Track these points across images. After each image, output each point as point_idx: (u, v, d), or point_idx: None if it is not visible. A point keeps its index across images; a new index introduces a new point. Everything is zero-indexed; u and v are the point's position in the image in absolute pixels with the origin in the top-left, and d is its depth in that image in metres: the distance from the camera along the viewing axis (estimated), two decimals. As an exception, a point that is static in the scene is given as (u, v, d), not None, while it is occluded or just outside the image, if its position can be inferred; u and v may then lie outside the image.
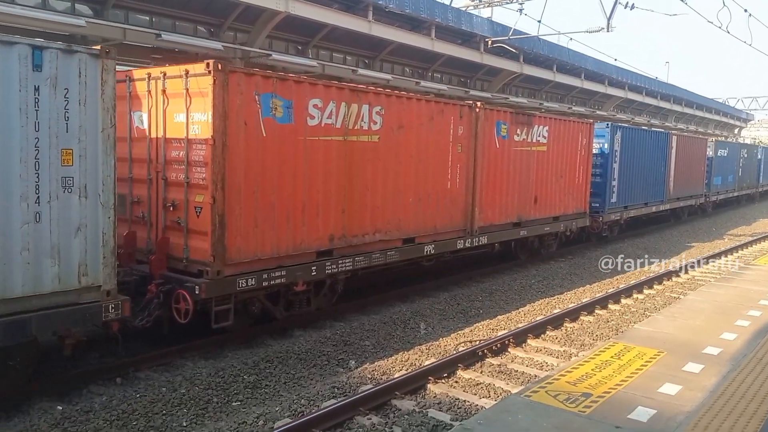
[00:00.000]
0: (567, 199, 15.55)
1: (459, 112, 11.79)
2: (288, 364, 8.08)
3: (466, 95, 21.89)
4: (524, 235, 14.13)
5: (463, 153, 11.88)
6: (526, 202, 13.91)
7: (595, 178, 17.40)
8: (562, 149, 15.11)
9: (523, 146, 13.56)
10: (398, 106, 10.38)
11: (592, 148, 16.54)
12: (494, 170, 12.78)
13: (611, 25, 17.83)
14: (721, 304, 9.25)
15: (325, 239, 9.26)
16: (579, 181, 16.08)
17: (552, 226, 15.10)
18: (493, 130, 12.64)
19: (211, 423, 6.40)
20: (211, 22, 14.94)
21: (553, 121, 14.81)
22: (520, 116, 13.54)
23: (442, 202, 11.50)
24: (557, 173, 14.98)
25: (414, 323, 10.08)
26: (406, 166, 10.59)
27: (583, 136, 16.00)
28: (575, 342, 9.22)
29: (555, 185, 14.94)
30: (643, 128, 22.25)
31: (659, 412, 5.19)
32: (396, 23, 18.04)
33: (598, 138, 17.39)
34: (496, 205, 12.94)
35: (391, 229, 10.41)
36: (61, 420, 6.26)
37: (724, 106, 51.81)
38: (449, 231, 11.80)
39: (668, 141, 21.94)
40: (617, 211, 18.55)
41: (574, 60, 26.16)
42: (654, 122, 37.70)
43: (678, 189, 23.09)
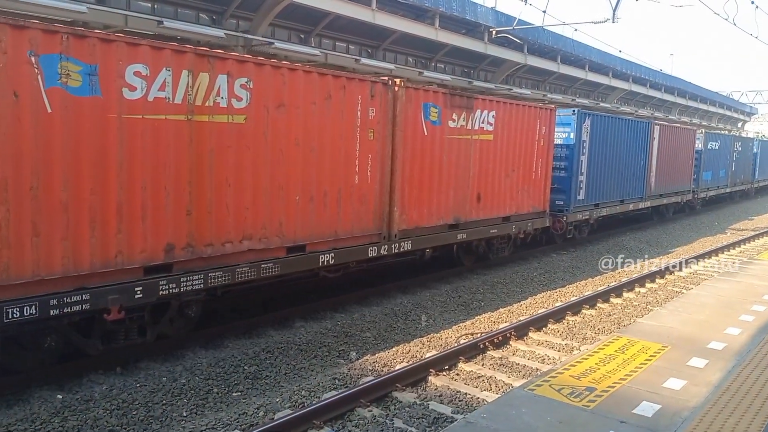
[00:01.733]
0: (521, 196, 13.47)
1: (369, 89, 9.52)
2: (289, 354, 8.05)
3: (470, 86, 21.75)
4: (463, 239, 12.01)
5: (376, 141, 9.70)
6: (466, 201, 11.79)
7: (559, 173, 15.44)
8: (515, 138, 13.03)
9: (461, 134, 11.39)
10: (275, 79, 8.15)
11: (553, 137, 14.43)
12: (421, 162, 10.64)
13: (617, 16, 17.67)
14: (725, 299, 9.20)
15: (158, 250, 7.01)
16: (536, 176, 13.96)
17: (501, 228, 13.01)
18: (419, 113, 10.45)
19: (212, 413, 6.37)
20: (214, 10, 14.80)
21: (502, 106, 12.64)
22: (456, 98, 11.25)
23: (346, 202, 9.34)
24: (508, 166, 12.91)
25: (415, 315, 10.04)
26: (289, 156, 8.41)
27: (542, 124, 13.85)
28: (577, 335, 9.18)
29: (505, 181, 12.86)
30: (617, 116, 19.42)
31: (664, 407, 5.15)
32: (400, 12, 17.88)
33: (563, 126, 15.41)
34: (423, 204, 10.84)
35: (269, 235, 8.24)
36: (61, 409, 6.24)
37: (728, 99, 51.54)
38: (358, 236, 9.63)
39: (649, 131, 19.71)
40: (585, 210, 16.47)
41: (578, 51, 25.96)
42: (657, 115, 37.49)
43: (661, 184, 20.96)
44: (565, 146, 15.61)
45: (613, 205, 18.04)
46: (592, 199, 16.64)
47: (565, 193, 15.54)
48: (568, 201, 15.59)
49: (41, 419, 6.02)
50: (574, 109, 16.12)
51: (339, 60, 17.34)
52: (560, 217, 15.29)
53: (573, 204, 15.73)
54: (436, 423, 6.14)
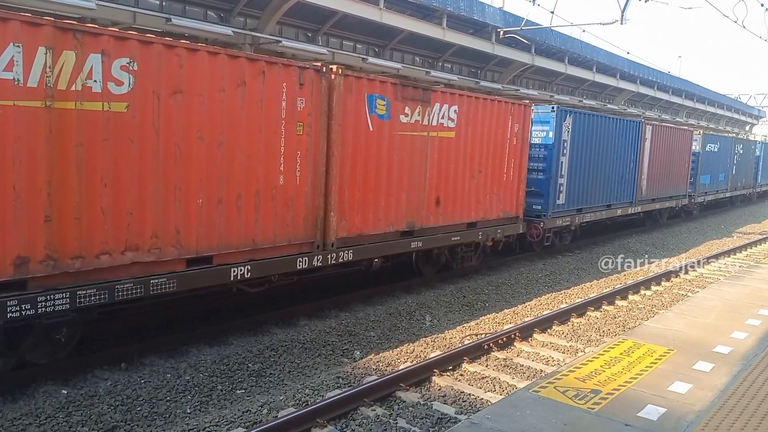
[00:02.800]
0: (489, 200, 12.25)
1: (297, 77, 8.25)
2: (293, 353, 8.06)
3: (477, 86, 21.72)
4: (419, 248, 10.79)
5: (307, 136, 8.48)
6: (422, 205, 10.58)
7: (536, 175, 14.27)
8: (482, 136, 11.80)
9: (415, 130, 10.22)
10: (169, 60, 6.85)
11: (528, 136, 13.29)
12: (366, 161, 9.45)
13: (625, 17, 17.62)
14: (732, 303, 9.15)
15: (5, 264, 5.85)
16: (508, 178, 12.72)
17: (465, 236, 11.77)
18: (363, 106, 9.29)
19: (215, 410, 6.38)
20: (221, 7, 14.84)
21: (466, 100, 11.34)
22: (408, 90, 10.04)
23: (267, 205, 8.07)
24: (473, 167, 11.69)
25: (419, 315, 10.03)
26: (190, 151, 7.15)
27: (514, 121, 12.62)
28: (582, 337, 9.15)
29: (470, 183, 11.63)
30: (603, 114, 17.93)
31: (669, 410, 5.12)
32: (407, 11, 17.88)
33: (541, 124, 14.26)
34: (368, 208, 9.61)
35: (162, 245, 6.97)
36: (65, 404, 6.26)
37: (736, 102, 51.33)
38: (283, 245, 8.38)
39: (640, 131, 18.37)
40: (566, 215, 15.16)
41: (586, 52, 25.90)
42: (665, 117, 37.37)
43: (653, 188, 19.72)
44: (543, 146, 14.41)
45: (598, 211, 16.75)
46: (574, 204, 15.44)
47: (543, 197, 14.36)
48: (546, 206, 14.37)
49: (46, 414, 6.04)
50: (553, 105, 14.72)
51: (346, 59, 17.35)
52: (537, 223, 14.08)
53: (552, 209, 14.51)
54: (440, 423, 6.13)
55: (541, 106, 14.76)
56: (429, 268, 12.10)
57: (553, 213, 14.52)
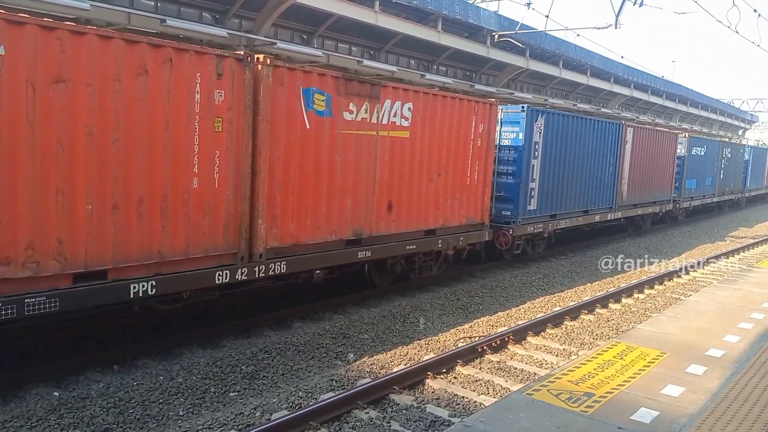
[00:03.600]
0: (450, 205, 11.46)
1: (214, 66, 7.30)
2: (286, 355, 8.04)
3: (472, 89, 21.76)
4: (367, 258, 9.84)
5: (228, 134, 7.50)
6: (371, 211, 9.72)
7: (506, 179, 13.52)
8: (442, 136, 11.02)
9: (362, 129, 9.36)
10: (48, 45, 5.96)
11: (494, 137, 12.53)
12: (301, 162, 8.53)
13: (619, 22, 17.67)
14: (725, 306, 9.20)
15: None
16: (472, 182, 11.94)
17: (422, 244, 10.94)
18: (298, 101, 8.38)
19: (208, 413, 6.35)
20: (217, 9, 14.81)
21: (423, 97, 10.54)
22: (353, 84, 9.20)
23: (177, 212, 7.05)
24: (431, 170, 10.89)
25: (413, 318, 10.03)
26: (76, 150, 6.24)
27: (478, 121, 11.81)
28: (575, 341, 9.17)
29: (427, 187, 10.83)
30: (578, 115, 16.97)
31: (662, 413, 5.14)
32: (402, 14, 17.89)
33: (510, 125, 13.48)
34: (306, 214, 8.69)
35: (41, 258, 6.04)
36: (57, 406, 6.22)
37: (728, 107, 51.62)
38: (197, 257, 7.35)
39: (620, 133, 17.57)
40: (538, 222, 14.32)
41: (580, 56, 25.98)
42: (659, 121, 37.53)
43: (635, 193, 18.92)
44: (512, 148, 13.57)
45: (574, 217, 15.87)
46: (547, 210, 14.61)
47: (512, 202, 13.55)
48: (516, 212, 13.56)
49: (37, 416, 6.01)
50: (523, 105, 13.90)
51: (341, 61, 17.35)
52: (506, 230, 13.29)
53: (522, 215, 13.69)
54: (433, 426, 6.12)
55: (510, 105, 13.98)
56: (383, 279, 11.17)
57: (523, 219, 13.74)
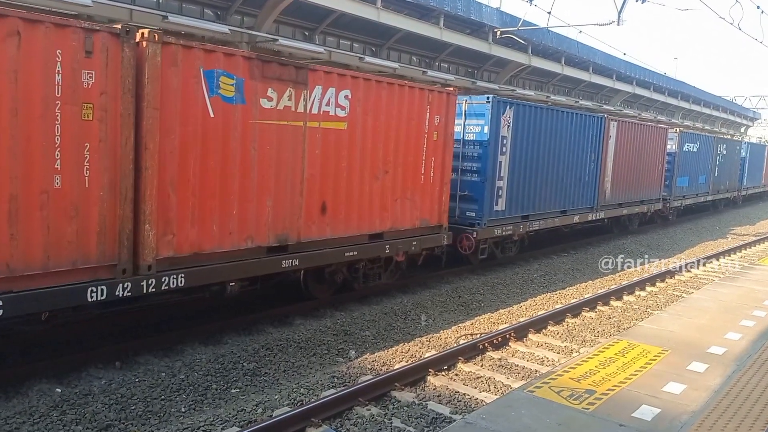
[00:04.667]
0: (401, 206, 10.28)
1: (82, 42, 6.10)
2: (288, 352, 8.05)
3: (474, 86, 21.74)
4: (294, 267, 8.57)
5: (100, 122, 6.31)
6: (299, 213, 8.53)
7: (470, 177, 12.45)
8: (389, 129, 9.86)
9: (286, 119, 8.17)
10: None
11: (452, 129, 11.26)
12: (204, 157, 7.26)
13: (622, 18, 17.62)
14: (726, 304, 9.19)
15: None
16: (428, 180, 10.77)
17: (365, 250, 9.76)
18: (199, 85, 7.13)
19: (210, 410, 6.37)
20: (218, 5, 14.80)
21: (363, 84, 9.33)
22: (272, 67, 7.95)
23: (34, 216, 5.94)
24: (376, 166, 9.73)
25: (415, 315, 10.03)
26: None
27: (434, 112, 10.68)
28: (577, 338, 9.17)
29: (372, 185, 9.68)
30: (553, 107, 15.73)
31: (663, 411, 5.15)
32: (404, 11, 17.87)
33: (474, 118, 12.34)
34: (211, 218, 7.41)
35: None
36: (59, 402, 6.23)
37: (731, 104, 51.50)
38: (62, 270, 6.18)
39: (603, 128, 16.31)
40: (507, 224, 13.16)
41: (582, 53, 25.94)
42: (661, 118, 37.46)
43: (619, 192, 17.79)
44: (477, 143, 12.39)
45: (549, 217, 14.73)
46: (517, 210, 13.49)
47: (477, 202, 12.41)
48: (481, 213, 12.37)
49: (40, 412, 6.02)
50: (488, 95, 12.59)
51: (343, 58, 17.35)
52: (470, 232, 12.12)
53: (488, 216, 12.51)
54: (435, 423, 6.13)
55: (475, 96, 12.88)
56: (322, 290, 9.93)
57: (489, 221, 12.55)
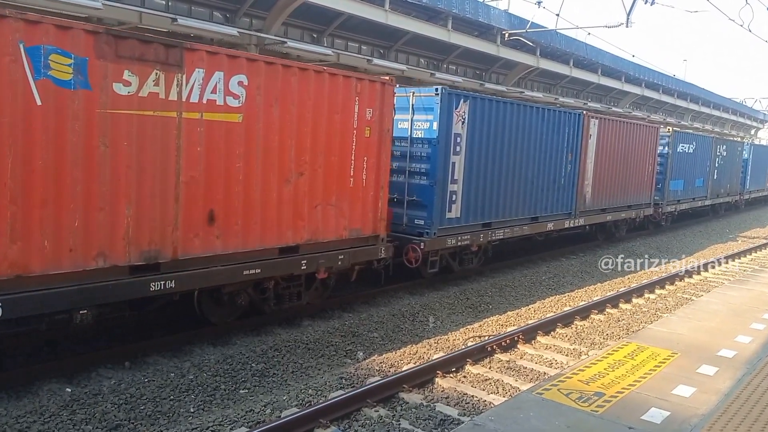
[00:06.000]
0: (322, 214, 8.87)
1: None
2: (296, 353, 8.06)
3: (481, 88, 21.72)
4: (168, 289, 7.08)
5: None
6: (174, 223, 7.08)
7: (418, 179, 11.06)
8: (303, 123, 8.41)
9: (151, 108, 6.74)
10: None
11: (389, 125, 9.80)
12: (29, 154, 5.92)
13: (631, 20, 17.57)
14: (736, 307, 9.13)
15: None
16: (358, 183, 9.37)
17: (273, 267, 8.31)
18: (19, 65, 5.76)
19: (219, 410, 6.39)
20: (227, 8, 14.88)
21: (266, 68, 7.89)
22: (130, 44, 6.52)
23: None
24: (287, 167, 8.30)
25: (423, 316, 10.02)
26: None
27: (365, 104, 9.28)
28: (585, 340, 9.13)
29: (281, 189, 8.25)
30: (519, 102, 13.87)
31: (673, 414, 5.12)
32: (412, 13, 17.91)
33: (423, 112, 10.91)
34: (40, 231, 6.04)
35: None
36: (69, 402, 6.27)
37: (741, 106, 51.20)
38: None
39: (581, 125, 14.77)
40: (464, 233, 11.68)
41: (591, 55, 25.90)
42: (670, 120, 37.28)
43: (602, 197, 16.27)
44: (425, 141, 10.97)
45: (517, 225, 13.18)
46: (477, 217, 11.99)
47: (426, 208, 10.96)
48: (430, 221, 10.91)
49: (50, 412, 6.06)
50: (437, 87, 10.96)
51: (351, 60, 17.39)
52: (417, 243, 10.70)
53: (439, 224, 11.05)
54: (443, 425, 6.12)
55: (423, 88, 11.47)
56: (221, 314, 8.45)
57: (440, 230, 11.09)
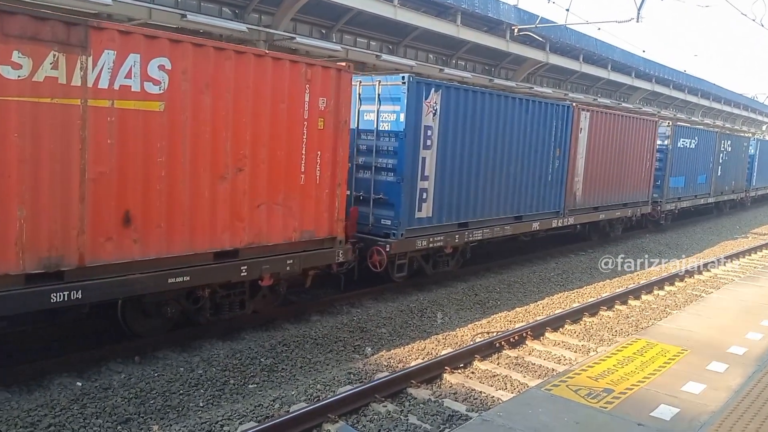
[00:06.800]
0: (268, 214, 8.00)
1: None
2: (305, 348, 8.09)
3: (491, 84, 21.64)
4: (75, 300, 6.30)
5: None
6: (79, 226, 6.30)
7: (385, 176, 10.22)
8: (241, 113, 7.54)
9: (46, 95, 5.96)
10: None
11: (347, 116, 8.92)
12: None
13: (641, 15, 17.47)
14: (746, 304, 9.07)
15: None
16: (311, 180, 8.50)
17: (206, 274, 7.46)
18: None
19: (228, 404, 6.42)
20: (236, 4, 14.89)
21: (193, 51, 7.02)
22: (18, 21, 5.78)
23: None
24: (222, 162, 7.43)
25: (431, 312, 10.02)
26: None
27: (317, 93, 8.37)
28: (594, 337, 9.11)
29: (215, 187, 7.38)
30: (499, 92, 12.75)
31: (682, 410, 5.10)
32: (421, 8, 17.85)
33: (390, 103, 10.06)
34: None
35: None
36: (80, 396, 6.33)
37: (752, 101, 50.69)
38: None
39: (570, 119, 13.97)
40: (437, 234, 10.81)
41: (601, 50, 25.72)
42: (680, 116, 37.01)
43: (594, 194, 15.43)
44: (391, 134, 10.09)
45: (498, 225, 12.30)
46: (451, 217, 11.14)
47: (393, 207, 10.12)
48: (398, 220, 10.06)
49: (61, 405, 6.11)
50: (404, 74, 10.07)
51: (360, 56, 17.37)
52: (382, 245, 9.86)
53: (407, 225, 10.22)
54: (451, 420, 6.13)
55: (390, 76, 10.45)
56: (150, 326, 7.79)
57: (408, 231, 10.27)
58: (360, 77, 10.61)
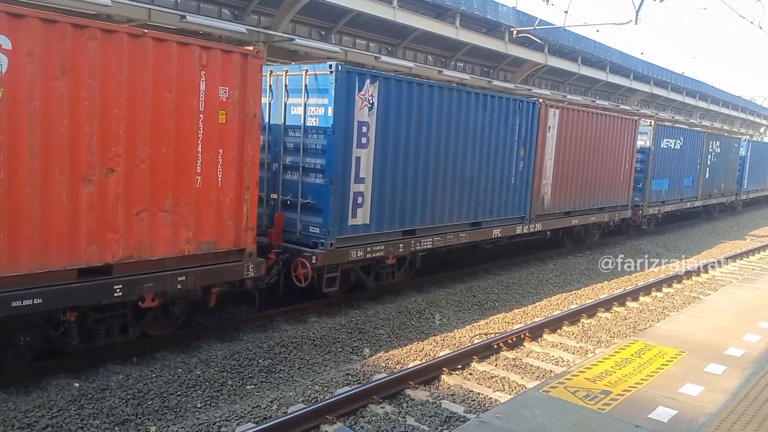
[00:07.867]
0: (151, 223, 6.77)
1: None
2: (303, 349, 8.09)
3: (489, 85, 21.66)
4: None
5: None
6: None
7: (313, 178, 9.10)
8: (111, 102, 6.30)
9: None
10: None
11: (256, 109, 7.66)
12: None
13: (639, 17, 17.48)
14: (744, 306, 9.08)
15: None
16: (211, 183, 7.28)
17: (61, 296, 6.16)
18: None
19: (226, 405, 6.42)
20: (236, 5, 14.89)
21: (42, 27, 5.77)
22: None
23: None
24: (87, 160, 6.19)
25: (429, 314, 10.03)
26: None
27: (215, 81, 7.16)
28: (592, 338, 9.11)
29: (73, 191, 6.12)
30: (452, 86, 11.59)
31: (680, 412, 5.10)
32: (420, 10, 17.87)
33: (317, 95, 8.92)
34: None
35: None
36: (78, 397, 6.32)
37: (751, 104, 50.77)
38: None
39: (535, 116, 12.76)
40: (375, 243, 9.63)
41: (599, 53, 25.76)
42: (678, 118, 37.07)
43: (565, 198, 14.24)
44: (319, 131, 8.98)
45: (452, 232, 11.12)
46: (393, 224, 9.92)
47: (321, 213, 9.00)
48: (326, 228, 8.91)
49: (58, 406, 6.11)
50: (332, 63, 8.87)
51: (359, 57, 17.38)
52: (307, 256, 8.71)
53: (337, 233, 9.05)
54: (448, 422, 6.13)
55: (317, 65, 9.20)
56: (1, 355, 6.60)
57: (340, 240, 9.11)
58: (287, 66, 9.54)
